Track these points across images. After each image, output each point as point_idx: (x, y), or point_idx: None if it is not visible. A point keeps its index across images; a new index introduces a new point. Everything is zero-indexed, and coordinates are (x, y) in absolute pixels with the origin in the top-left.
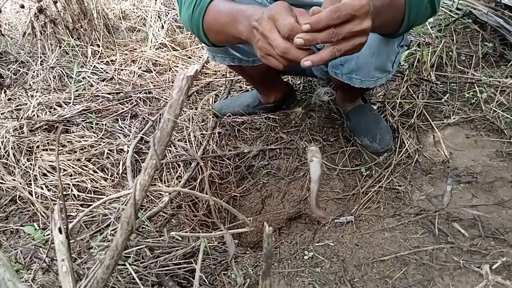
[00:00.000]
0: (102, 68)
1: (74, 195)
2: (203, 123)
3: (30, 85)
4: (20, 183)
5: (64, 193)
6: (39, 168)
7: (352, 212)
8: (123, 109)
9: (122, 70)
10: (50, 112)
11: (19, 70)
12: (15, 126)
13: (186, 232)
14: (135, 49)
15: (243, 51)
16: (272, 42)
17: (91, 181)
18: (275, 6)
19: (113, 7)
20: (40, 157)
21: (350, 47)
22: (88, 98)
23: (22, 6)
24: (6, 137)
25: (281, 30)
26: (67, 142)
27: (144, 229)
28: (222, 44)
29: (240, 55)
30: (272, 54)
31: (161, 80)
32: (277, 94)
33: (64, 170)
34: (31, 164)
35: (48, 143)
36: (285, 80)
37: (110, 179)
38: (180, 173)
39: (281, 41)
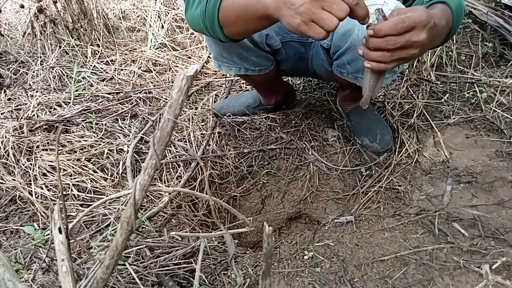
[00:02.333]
0: (102, 68)
1: (74, 195)
2: (203, 123)
3: (30, 85)
4: (20, 183)
5: (64, 193)
6: (39, 168)
7: (352, 212)
8: (123, 109)
9: (122, 70)
10: (50, 112)
11: (19, 70)
12: (15, 126)
13: (186, 232)
14: (135, 49)
15: (250, 61)
16: (335, 8)
17: (91, 181)
18: None
19: (113, 7)
20: (40, 157)
21: (403, 55)
22: (88, 98)
23: (22, 6)
24: (6, 137)
25: (338, 15)
26: (67, 142)
27: (144, 229)
28: (238, 35)
29: (247, 65)
30: (318, 18)
31: (161, 80)
32: (278, 96)
33: (64, 170)
34: (31, 164)
35: (48, 143)
36: (285, 80)
37: (110, 179)
38: (180, 173)
39: (335, 20)
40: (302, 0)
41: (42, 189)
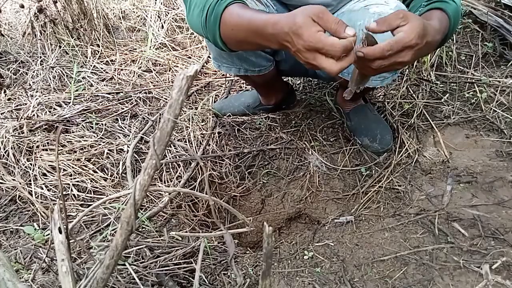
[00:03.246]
0: (102, 68)
1: (74, 195)
2: (203, 123)
3: (30, 85)
4: (20, 183)
5: (64, 193)
6: (39, 168)
7: (352, 212)
8: (123, 109)
9: (122, 70)
10: (50, 112)
11: (19, 70)
12: (15, 126)
13: (186, 232)
14: (135, 49)
15: (249, 61)
16: (324, 67)
17: (91, 181)
18: (302, 29)
19: (113, 7)
20: (40, 157)
21: (388, 70)
22: (88, 98)
23: (22, 6)
24: (6, 137)
25: (335, 55)
26: (67, 142)
27: (144, 229)
28: (243, 50)
29: (246, 65)
30: (320, 66)
31: (161, 80)
32: (278, 96)
33: (64, 170)
34: (31, 164)
35: (48, 143)
36: (285, 80)
37: (110, 179)
38: (180, 173)
39: (334, 65)
40: (304, 56)
41: (42, 189)
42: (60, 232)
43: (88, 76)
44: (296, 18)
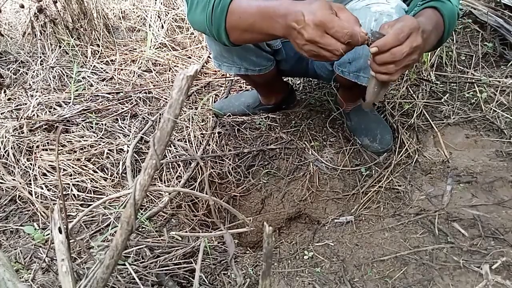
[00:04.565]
0: (102, 68)
1: (74, 195)
2: (203, 123)
3: (30, 85)
4: (20, 183)
5: (64, 193)
6: (39, 168)
7: (352, 212)
8: (123, 109)
9: (122, 70)
10: (50, 112)
11: (19, 70)
12: (15, 126)
13: (186, 232)
14: (135, 49)
15: (250, 61)
16: (327, 46)
17: (91, 181)
18: (316, 8)
19: (113, 7)
20: (40, 157)
21: (406, 63)
22: (88, 98)
23: (22, 6)
24: (6, 137)
25: (341, 38)
26: (67, 142)
27: (144, 229)
28: (244, 43)
29: (247, 65)
30: (322, 54)
31: (161, 80)
32: (278, 96)
33: (64, 170)
34: (31, 164)
35: (48, 143)
36: (285, 80)
37: (110, 179)
38: (180, 173)
39: (340, 45)
40: (308, 33)
41: (42, 189)
42: (60, 232)
43: (88, 76)
44: (314, 3)
